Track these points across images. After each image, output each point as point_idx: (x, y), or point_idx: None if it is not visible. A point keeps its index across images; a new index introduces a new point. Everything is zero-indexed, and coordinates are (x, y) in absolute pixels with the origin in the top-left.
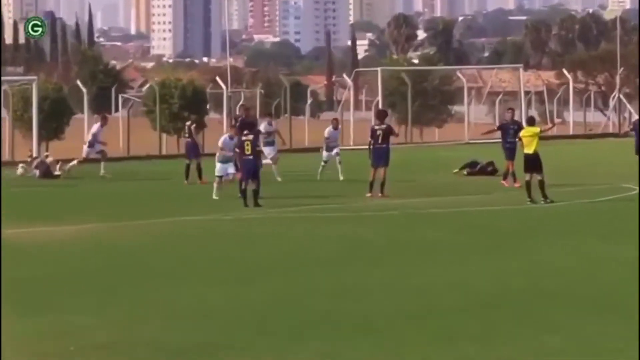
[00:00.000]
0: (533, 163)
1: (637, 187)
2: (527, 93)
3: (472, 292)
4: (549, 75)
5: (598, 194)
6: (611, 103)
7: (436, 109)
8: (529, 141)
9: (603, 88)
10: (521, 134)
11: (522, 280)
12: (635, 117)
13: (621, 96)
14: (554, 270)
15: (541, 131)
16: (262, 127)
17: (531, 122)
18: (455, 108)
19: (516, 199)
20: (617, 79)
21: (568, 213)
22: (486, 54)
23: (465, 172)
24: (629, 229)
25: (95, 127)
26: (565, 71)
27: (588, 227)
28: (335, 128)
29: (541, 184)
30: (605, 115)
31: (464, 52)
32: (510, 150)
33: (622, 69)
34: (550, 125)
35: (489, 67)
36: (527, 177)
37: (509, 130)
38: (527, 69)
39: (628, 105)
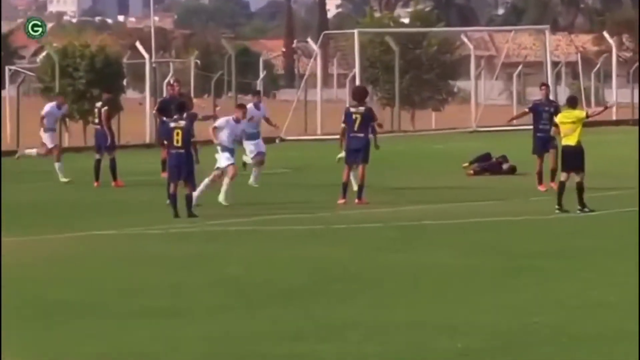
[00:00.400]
0: (575, 159)
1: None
2: (555, 64)
3: (480, 334)
4: (585, 40)
5: None
6: None
7: (433, 86)
8: (570, 129)
9: None
10: (558, 119)
11: (548, 319)
12: None
13: None
14: (590, 304)
15: (587, 116)
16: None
17: (573, 103)
18: (459, 84)
19: (541, 207)
20: None
21: (610, 226)
22: (501, 12)
23: (471, 170)
24: None
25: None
26: (606, 34)
27: (636, 245)
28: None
29: (580, 187)
30: None
31: (470, 8)
32: (543, 141)
33: None
34: (601, 108)
35: (504, 29)
36: (563, 176)
37: (543, 114)
38: (556, 32)
39: None
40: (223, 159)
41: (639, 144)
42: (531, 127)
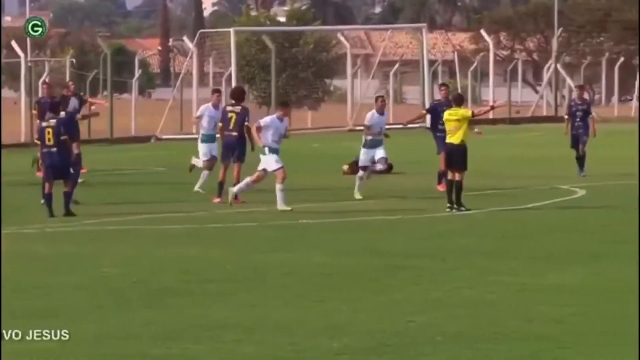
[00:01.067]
0: (458, 157)
1: (579, 190)
2: (432, 63)
3: (357, 333)
4: (462, 39)
5: (524, 199)
6: (545, 76)
7: (310, 85)
8: (455, 127)
9: (535, 56)
10: (445, 117)
11: (424, 318)
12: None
13: (559, 67)
14: (467, 304)
15: (473, 115)
16: (204, 110)
17: (459, 101)
18: (336, 83)
19: (418, 206)
20: (554, 44)
21: (487, 225)
22: (377, 10)
23: (350, 170)
24: (567, 250)
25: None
26: (484, 33)
27: (513, 245)
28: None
29: (459, 186)
30: (537, 92)
31: (347, 6)
32: (444, 140)
33: (560, 29)
34: (487, 107)
35: (381, 28)
36: (450, 175)
37: (442, 114)
38: (433, 30)
39: (568, 80)
40: (272, 162)
41: (639, 144)
42: (409, 125)
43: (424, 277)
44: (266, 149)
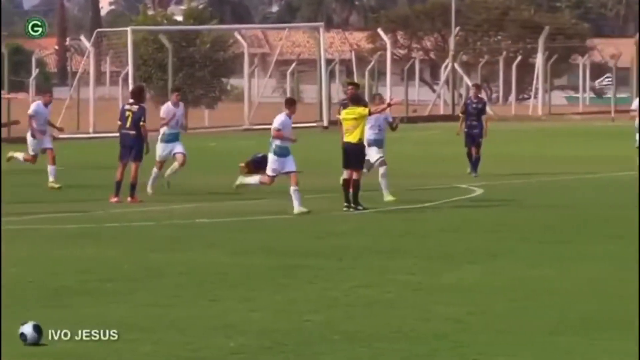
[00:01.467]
0: (356, 156)
1: (476, 189)
2: (329, 62)
3: (253, 332)
4: (360, 38)
5: (422, 198)
6: (442, 75)
7: (207, 84)
8: (352, 126)
9: (432, 55)
10: (342, 115)
11: (320, 317)
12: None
13: (456, 66)
14: (364, 303)
15: (370, 113)
16: (163, 110)
17: (356, 100)
18: (233, 82)
19: (315, 205)
20: (451, 43)
21: (384, 224)
22: (275, 9)
23: (246, 169)
24: (464, 248)
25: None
26: (381, 32)
27: (410, 244)
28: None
29: (356, 185)
30: (434, 91)
31: (244, 5)
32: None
33: (457, 28)
34: (384, 105)
35: (278, 27)
36: (346, 174)
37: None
38: (330, 29)
39: (465, 78)
40: (269, 167)
41: (639, 144)
42: (305, 124)
43: (320, 276)
44: (273, 149)
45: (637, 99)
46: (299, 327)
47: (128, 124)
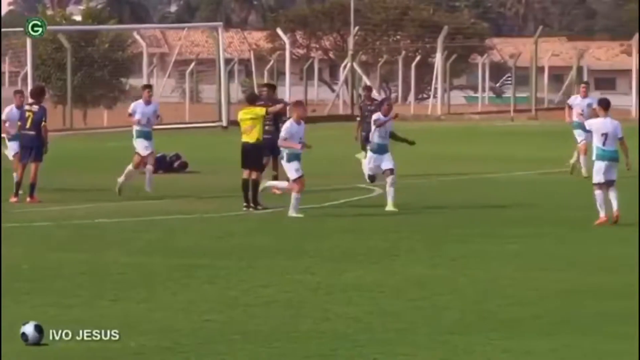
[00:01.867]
0: (254, 156)
1: (376, 188)
2: (229, 61)
3: (154, 332)
4: (259, 38)
5: (321, 198)
6: (342, 75)
7: (105, 84)
8: (250, 126)
9: (331, 55)
10: (240, 116)
11: (220, 317)
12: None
13: (355, 65)
14: (263, 302)
15: (267, 113)
16: (132, 107)
17: (252, 99)
18: (132, 82)
19: (214, 205)
20: (350, 42)
21: (283, 224)
22: (174, 9)
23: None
24: (363, 248)
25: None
26: (280, 32)
27: (310, 243)
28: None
29: (255, 185)
30: (333, 91)
31: (143, 6)
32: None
33: (356, 28)
34: (281, 105)
35: (177, 26)
36: (245, 174)
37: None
38: (229, 29)
39: (364, 78)
40: (292, 171)
41: (639, 143)
42: (204, 124)
43: (220, 276)
44: (285, 155)
45: (576, 96)
46: (199, 327)
47: (28, 125)
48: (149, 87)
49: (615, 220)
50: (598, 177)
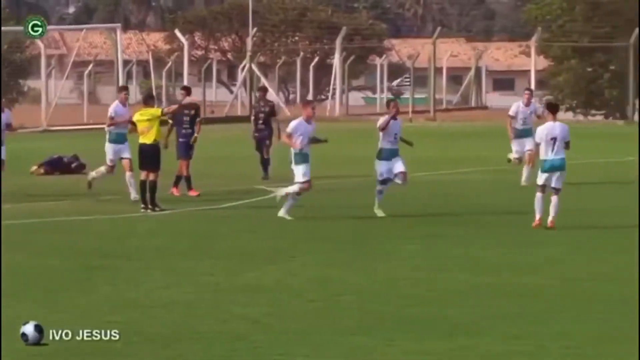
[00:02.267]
0: (152, 157)
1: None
2: (127, 63)
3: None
4: (157, 39)
5: (221, 199)
6: (240, 76)
7: (4, 85)
8: (146, 127)
9: (230, 56)
10: (136, 117)
11: (120, 318)
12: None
13: (254, 67)
14: (163, 303)
15: (163, 114)
16: (112, 109)
17: (148, 101)
18: (30, 83)
19: (112, 207)
20: (249, 44)
21: (182, 225)
22: (72, 10)
23: (42, 170)
24: (263, 249)
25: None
26: (178, 33)
27: (209, 244)
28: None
29: (153, 186)
30: (232, 92)
31: (41, 7)
32: (185, 146)
33: (255, 29)
34: (176, 106)
35: (75, 28)
36: (142, 175)
37: (183, 117)
38: (128, 30)
39: (263, 79)
40: (299, 175)
41: (639, 143)
42: (100, 125)
43: (119, 277)
44: (293, 158)
45: (518, 103)
46: (100, 328)
47: None
48: (126, 89)
49: (549, 227)
50: (542, 181)
